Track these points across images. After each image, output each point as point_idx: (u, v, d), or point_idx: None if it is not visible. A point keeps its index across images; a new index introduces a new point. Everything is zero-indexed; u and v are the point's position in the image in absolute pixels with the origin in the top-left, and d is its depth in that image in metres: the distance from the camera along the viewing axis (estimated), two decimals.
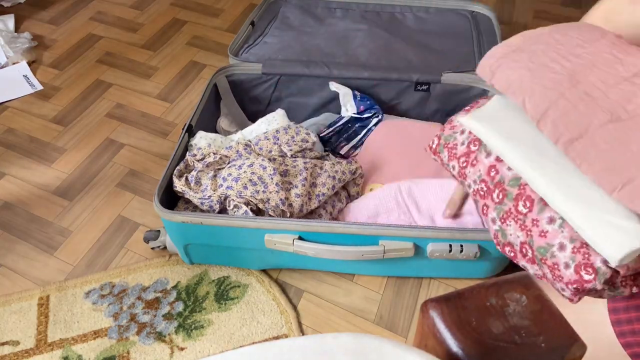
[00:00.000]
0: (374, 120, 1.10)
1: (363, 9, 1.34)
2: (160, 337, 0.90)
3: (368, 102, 1.10)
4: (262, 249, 0.88)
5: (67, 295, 0.95)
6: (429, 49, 1.20)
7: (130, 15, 1.65)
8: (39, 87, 1.39)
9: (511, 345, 0.30)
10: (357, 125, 1.11)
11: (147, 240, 1.00)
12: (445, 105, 1.15)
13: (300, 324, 0.92)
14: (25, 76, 1.41)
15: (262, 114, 1.20)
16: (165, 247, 1.00)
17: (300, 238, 0.85)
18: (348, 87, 1.11)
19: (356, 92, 1.11)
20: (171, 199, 0.94)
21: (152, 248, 1.01)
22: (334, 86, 1.12)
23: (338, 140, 1.12)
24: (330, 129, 1.11)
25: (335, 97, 1.15)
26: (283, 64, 1.15)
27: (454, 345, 0.30)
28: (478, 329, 0.31)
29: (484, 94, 1.10)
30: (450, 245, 0.84)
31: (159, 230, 1.00)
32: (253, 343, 0.88)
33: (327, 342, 0.29)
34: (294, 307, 0.94)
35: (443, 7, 1.31)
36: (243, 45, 1.21)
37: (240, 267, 0.98)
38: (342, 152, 1.12)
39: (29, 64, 1.44)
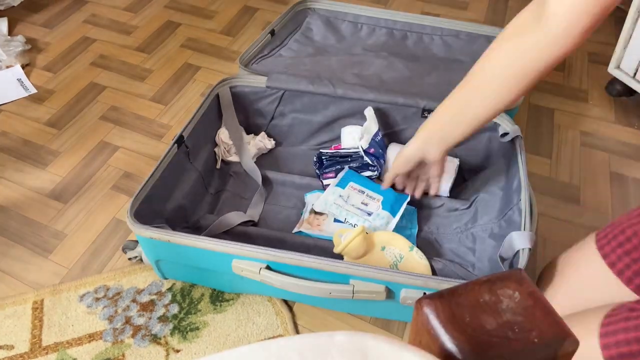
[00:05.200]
0: (368, 173, 1.05)
1: (391, 26, 1.30)
2: (155, 339, 0.89)
3: (380, 152, 1.04)
4: (231, 272, 0.84)
5: (62, 298, 0.95)
6: (447, 77, 1.13)
7: (124, 17, 1.65)
8: (33, 90, 1.38)
9: (504, 340, 0.31)
10: (351, 165, 1.06)
11: (125, 250, 0.98)
12: None
13: (295, 325, 0.92)
14: (19, 79, 1.41)
15: (266, 127, 1.16)
16: (141, 259, 0.97)
17: (268, 267, 0.81)
18: (354, 109, 1.09)
19: (380, 134, 1.05)
20: (151, 210, 0.88)
21: (129, 258, 0.98)
22: (369, 112, 1.06)
23: (329, 168, 1.07)
24: (333, 151, 1.07)
25: (339, 117, 1.12)
26: (288, 78, 1.10)
27: (448, 342, 0.31)
28: (472, 325, 0.31)
29: (493, 125, 1.02)
30: (424, 294, 0.77)
31: (137, 241, 0.98)
32: (249, 344, 0.88)
33: (323, 341, 0.29)
34: (290, 308, 0.94)
35: (475, 32, 1.26)
36: (257, 55, 1.17)
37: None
38: (325, 182, 1.06)
39: (23, 67, 1.44)
